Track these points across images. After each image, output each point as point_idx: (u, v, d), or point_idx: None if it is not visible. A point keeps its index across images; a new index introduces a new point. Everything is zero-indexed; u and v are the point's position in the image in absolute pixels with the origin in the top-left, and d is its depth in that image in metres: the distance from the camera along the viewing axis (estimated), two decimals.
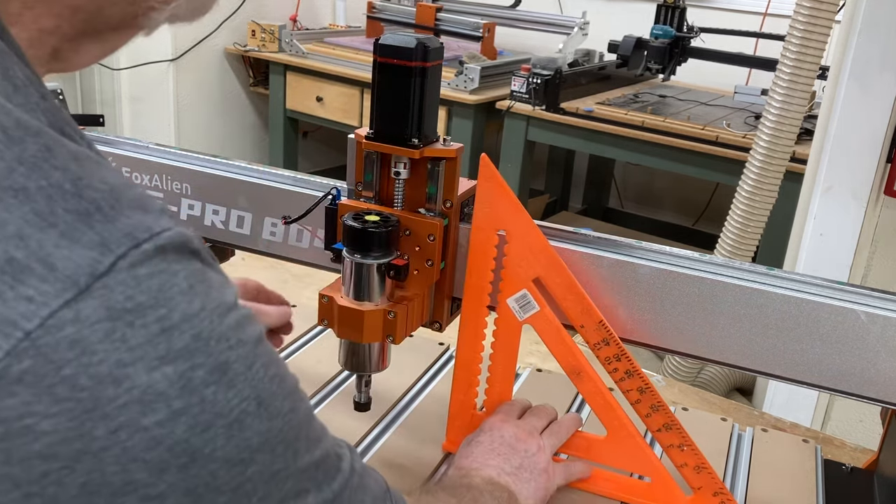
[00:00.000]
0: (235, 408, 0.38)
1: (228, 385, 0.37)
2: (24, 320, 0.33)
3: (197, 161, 1.02)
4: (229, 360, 0.38)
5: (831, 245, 1.81)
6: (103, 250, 0.34)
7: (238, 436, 0.38)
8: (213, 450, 0.37)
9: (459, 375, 0.88)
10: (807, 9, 1.78)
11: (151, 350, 0.35)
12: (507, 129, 2.90)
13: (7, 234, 0.33)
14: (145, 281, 0.35)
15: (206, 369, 0.37)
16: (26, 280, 0.33)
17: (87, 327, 0.34)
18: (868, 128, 1.69)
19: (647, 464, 0.84)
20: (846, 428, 1.88)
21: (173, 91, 3.56)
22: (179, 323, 0.36)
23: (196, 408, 0.36)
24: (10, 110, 0.35)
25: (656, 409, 0.81)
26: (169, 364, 0.35)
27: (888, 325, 0.75)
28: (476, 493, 0.73)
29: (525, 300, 0.82)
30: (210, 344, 0.37)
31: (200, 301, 0.37)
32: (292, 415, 0.42)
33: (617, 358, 0.80)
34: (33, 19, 0.41)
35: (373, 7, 3.64)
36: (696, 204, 3.71)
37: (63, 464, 0.34)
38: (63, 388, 0.33)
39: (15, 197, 0.34)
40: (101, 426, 0.34)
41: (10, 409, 0.33)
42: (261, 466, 0.40)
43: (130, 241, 0.35)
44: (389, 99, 0.78)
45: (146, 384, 0.35)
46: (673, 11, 2.85)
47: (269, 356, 0.41)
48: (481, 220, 0.81)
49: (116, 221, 0.35)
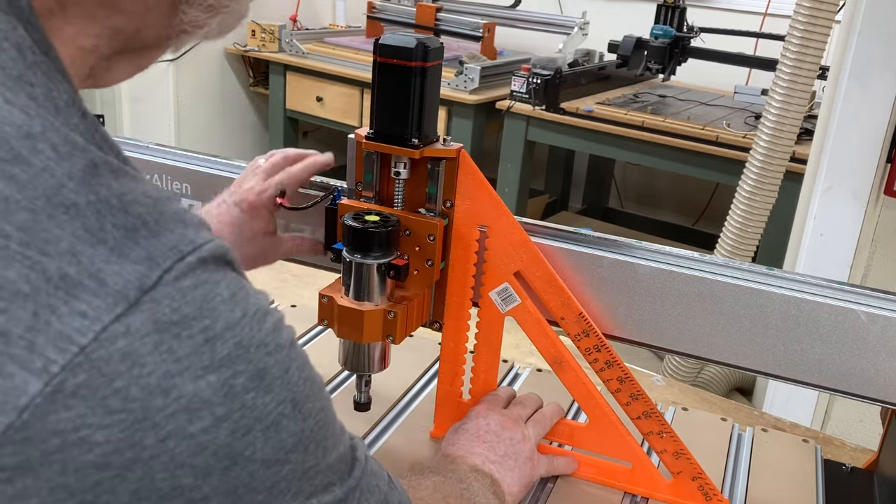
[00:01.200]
0: (273, 411, 0.39)
1: (266, 390, 0.39)
2: (78, 335, 0.34)
3: (197, 161, 1.02)
4: (267, 366, 0.39)
5: (831, 245, 1.81)
6: (150, 265, 0.36)
7: (275, 437, 0.40)
8: (253, 452, 0.38)
9: (445, 367, 0.90)
10: (807, 9, 1.78)
11: (196, 360, 0.36)
12: (507, 129, 2.90)
13: (60, 250, 0.34)
14: (190, 292, 0.37)
15: (247, 376, 0.38)
16: (79, 295, 0.34)
17: (137, 340, 0.35)
18: (868, 128, 1.69)
19: (628, 449, 0.87)
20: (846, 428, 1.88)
21: (173, 91, 3.56)
22: (222, 332, 0.37)
23: (237, 413, 0.38)
24: (59, 127, 0.36)
25: (636, 398, 0.83)
26: (213, 373, 0.37)
27: (888, 325, 0.75)
28: (461, 475, 0.75)
29: (507, 293, 0.84)
30: (250, 351, 0.38)
31: (241, 309, 0.38)
32: (322, 414, 0.44)
33: (597, 349, 0.82)
34: (72, 36, 0.42)
35: (373, 7, 3.64)
36: (696, 204, 3.71)
37: (115, 472, 0.35)
38: (115, 399, 0.34)
39: (66, 213, 0.35)
40: (151, 435, 0.35)
41: (66, 421, 0.34)
42: (295, 465, 0.41)
43: (175, 255, 0.37)
44: (389, 99, 0.78)
45: (192, 393, 0.36)
46: (673, 11, 2.85)
47: (301, 358, 0.43)
48: (462, 216, 0.83)
49: (161, 236, 0.37)
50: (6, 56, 0.37)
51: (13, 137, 0.34)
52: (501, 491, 0.79)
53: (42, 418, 0.33)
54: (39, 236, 0.34)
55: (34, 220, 0.34)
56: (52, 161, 0.35)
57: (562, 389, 0.87)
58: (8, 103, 0.35)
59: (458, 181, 0.82)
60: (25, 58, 0.37)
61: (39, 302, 0.33)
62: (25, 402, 0.33)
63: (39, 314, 0.33)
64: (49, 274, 0.34)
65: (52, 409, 0.33)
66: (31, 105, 0.36)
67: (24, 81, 0.37)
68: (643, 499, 0.87)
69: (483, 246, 0.84)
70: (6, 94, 0.35)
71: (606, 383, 0.83)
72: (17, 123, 0.35)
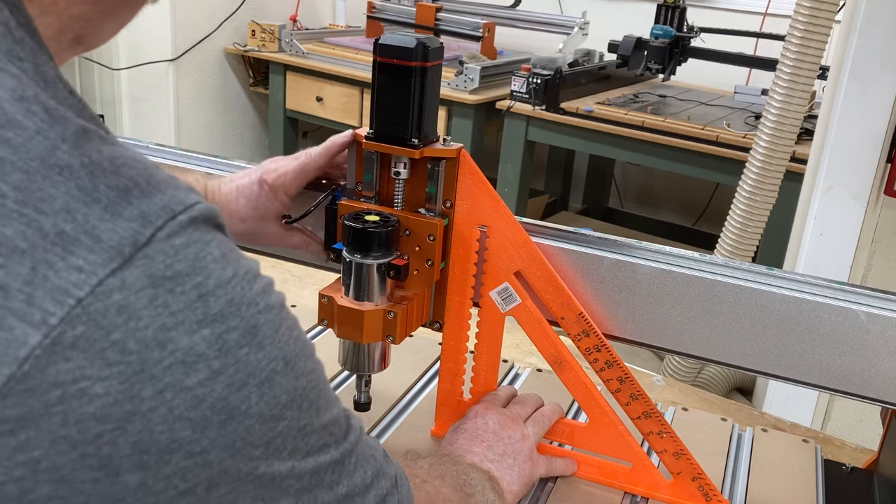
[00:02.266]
0: (266, 367, 0.40)
1: (259, 346, 0.40)
2: (75, 289, 0.34)
3: (197, 161, 1.02)
4: (259, 324, 0.40)
5: (831, 245, 1.80)
6: (143, 222, 0.36)
7: (269, 393, 0.40)
8: (248, 407, 0.39)
9: (445, 366, 0.91)
10: (807, 9, 1.78)
11: (191, 314, 0.37)
12: (507, 129, 2.90)
13: (55, 208, 0.35)
14: (182, 250, 0.37)
15: (240, 332, 0.39)
16: (75, 251, 0.35)
17: (132, 294, 0.36)
18: (868, 128, 1.69)
19: (628, 449, 0.87)
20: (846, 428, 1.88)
21: (173, 91, 3.55)
22: (214, 289, 0.38)
23: (232, 367, 0.38)
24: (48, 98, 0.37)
25: (636, 398, 0.83)
26: (206, 327, 0.37)
27: (888, 325, 0.75)
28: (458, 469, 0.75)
29: (507, 293, 0.84)
30: (242, 308, 0.39)
31: (232, 268, 0.39)
32: (313, 375, 0.44)
33: (597, 349, 0.82)
34: (67, 7, 0.43)
35: (373, 7, 3.64)
36: (696, 204, 3.71)
37: (115, 424, 0.36)
38: (113, 352, 0.35)
39: (60, 174, 0.35)
40: (149, 387, 0.36)
41: (65, 373, 0.34)
42: (289, 422, 0.42)
43: (167, 214, 0.37)
44: (389, 99, 0.78)
45: (188, 346, 0.37)
46: (673, 11, 2.85)
47: (291, 320, 0.43)
48: (463, 216, 0.83)
49: (153, 196, 0.37)
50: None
51: (6, 101, 0.35)
52: (501, 489, 0.79)
53: (42, 370, 0.34)
54: (35, 195, 0.35)
55: (29, 180, 0.35)
56: (45, 124, 0.36)
57: (562, 389, 0.87)
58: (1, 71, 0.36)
59: (459, 181, 0.82)
60: (13, 34, 0.38)
61: (37, 257, 0.34)
62: (25, 353, 0.34)
63: (37, 269, 0.34)
64: (45, 231, 0.34)
65: (51, 361, 0.34)
66: (21, 75, 0.37)
67: (13, 56, 0.37)
68: (643, 499, 0.87)
69: (483, 246, 0.84)
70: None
71: (606, 383, 0.83)
72: (9, 87, 0.35)
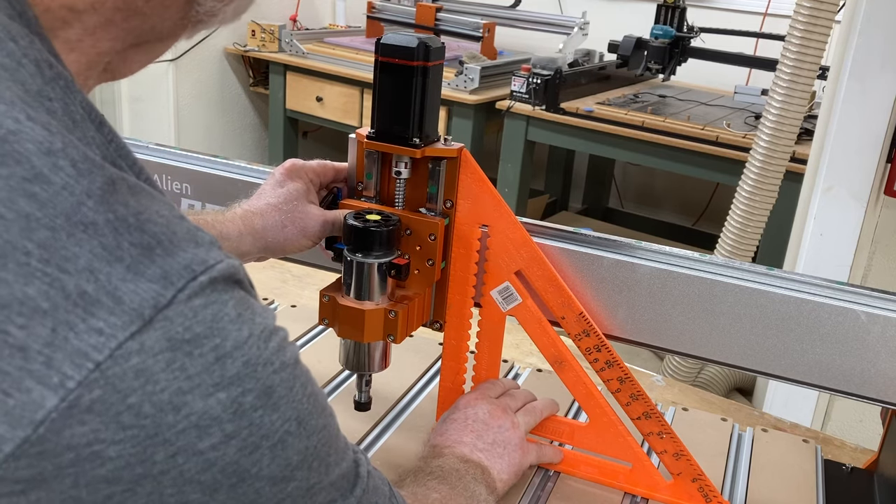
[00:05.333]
0: (279, 429, 0.40)
1: (273, 408, 0.40)
2: (94, 352, 0.34)
3: (197, 161, 1.02)
4: (274, 384, 0.40)
5: (831, 245, 1.81)
6: (165, 283, 0.36)
7: (281, 455, 0.41)
8: (260, 469, 0.39)
9: (447, 365, 0.91)
10: (807, 9, 1.78)
11: (207, 378, 0.37)
12: (507, 129, 2.90)
13: (79, 267, 0.35)
14: (200, 311, 0.37)
15: (255, 394, 0.39)
16: (97, 313, 0.35)
17: (150, 357, 0.36)
18: (868, 128, 1.69)
19: (628, 450, 0.87)
20: (846, 428, 1.88)
21: (173, 91, 3.55)
22: (232, 351, 0.38)
23: (245, 431, 0.38)
24: (76, 143, 0.37)
25: (636, 398, 0.83)
26: (223, 390, 0.37)
27: (888, 325, 0.75)
28: (457, 475, 0.75)
29: (508, 292, 0.84)
30: (258, 369, 0.39)
31: (248, 328, 0.39)
32: (325, 431, 0.44)
33: (597, 348, 0.82)
34: (93, 44, 0.43)
35: (373, 7, 3.64)
36: (696, 204, 3.71)
37: (126, 487, 0.36)
38: (128, 416, 0.35)
39: (85, 231, 0.35)
40: (162, 451, 0.36)
41: (80, 436, 0.34)
42: (299, 482, 0.42)
43: (189, 274, 0.37)
44: (391, 98, 0.78)
45: (202, 410, 0.37)
46: (673, 11, 2.85)
47: (305, 376, 0.43)
48: (464, 215, 0.83)
49: (175, 255, 0.37)
50: (26, 72, 0.37)
51: (34, 154, 0.35)
52: (492, 478, 0.79)
53: (57, 433, 0.34)
54: (59, 254, 0.34)
55: (54, 237, 0.34)
56: (72, 179, 0.35)
57: (562, 389, 0.87)
58: (30, 119, 0.35)
59: (460, 180, 0.82)
60: (43, 73, 0.38)
61: (58, 318, 0.34)
62: (42, 416, 0.34)
63: (58, 330, 0.34)
64: (68, 291, 0.34)
65: (67, 424, 0.34)
66: (50, 122, 0.36)
67: (43, 97, 0.37)
68: (643, 499, 0.87)
69: (484, 245, 0.84)
70: (28, 110, 0.36)
71: (607, 383, 0.83)
72: (38, 140, 0.35)
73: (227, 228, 0.79)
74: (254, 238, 0.80)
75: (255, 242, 0.80)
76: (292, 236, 0.82)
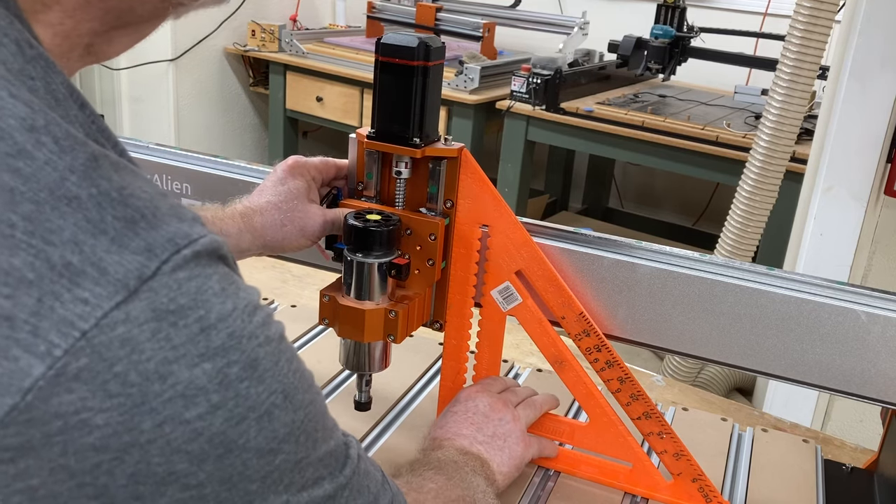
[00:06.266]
0: (265, 401, 0.40)
1: (259, 380, 0.40)
2: (80, 321, 0.35)
3: (197, 161, 1.02)
4: (259, 357, 0.40)
5: (831, 245, 1.81)
6: (150, 255, 0.37)
7: (268, 427, 0.41)
8: (247, 441, 0.40)
9: (447, 365, 0.91)
10: (807, 9, 1.78)
11: (192, 348, 0.37)
12: (507, 129, 2.90)
13: (63, 239, 0.35)
14: (185, 284, 0.38)
15: (241, 365, 0.39)
16: (82, 283, 0.35)
17: (136, 327, 0.36)
18: (868, 128, 1.69)
19: (628, 450, 0.87)
20: (846, 428, 1.88)
21: (173, 91, 3.55)
22: (216, 322, 0.38)
23: (231, 402, 0.39)
24: (59, 121, 0.37)
25: (636, 398, 0.83)
26: (208, 361, 0.38)
27: (888, 325, 0.75)
28: (455, 466, 0.75)
29: (508, 292, 0.85)
30: (242, 341, 0.39)
31: (232, 302, 0.39)
32: (312, 407, 0.44)
33: (598, 348, 0.83)
34: (73, 26, 0.43)
35: (373, 7, 3.64)
36: (696, 204, 3.71)
37: (113, 455, 0.36)
38: (115, 384, 0.36)
39: (69, 205, 0.36)
40: (148, 420, 0.36)
41: (68, 404, 0.35)
42: (287, 455, 0.42)
43: (173, 247, 0.38)
44: (391, 98, 0.78)
45: (188, 380, 0.37)
46: (673, 11, 2.85)
47: (290, 352, 0.43)
48: (464, 215, 0.83)
49: (159, 228, 0.38)
50: (6, 51, 0.38)
51: (17, 131, 0.35)
52: (491, 471, 0.79)
53: (45, 400, 0.34)
54: (44, 226, 0.35)
55: (38, 210, 0.35)
56: (55, 155, 0.36)
57: (562, 389, 0.87)
58: (12, 97, 0.36)
59: (461, 180, 0.82)
60: (24, 53, 0.38)
61: (44, 288, 0.35)
62: (29, 384, 0.34)
63: (44, 300, 0.34)
64: (53, 262, 0.35)
65: (54, 392, 0.34)
66: (33, 100, 0.37)
67: (25, 75, 0.38)
68: (643, 499, 0.87)
69: (485, 245, 0.84)
70: (10, 87, 0.36)
71: (607, 383, 0.83)
72: (20, 116, 0.36)
73: (227, 225, 0.79)
74: (253, 236, 0.80)
75: (254, 240, 0.81)
76: (291, 235, 0.82)
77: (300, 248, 0.84)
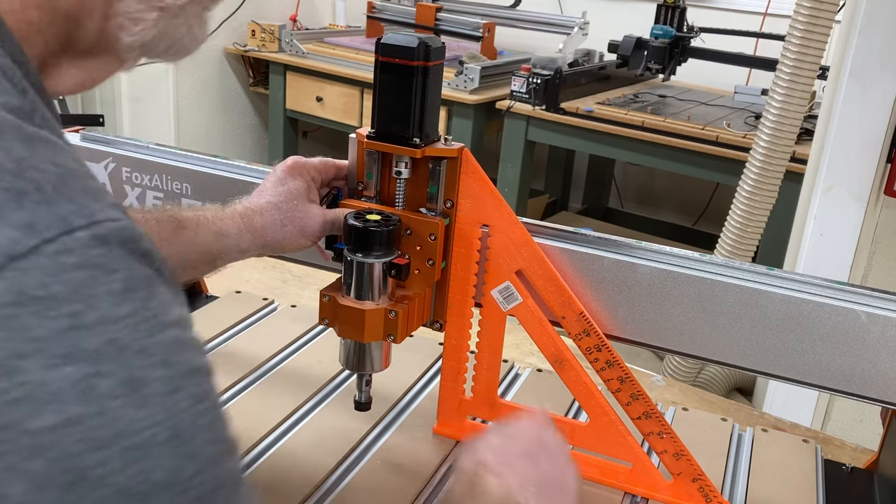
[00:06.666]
0: (143, 431, 0.33)
1: (140, 404, 0.33)
2: None
3: (197, 161, 1.02)
4: (146, 378, 0.33)
5: (831, 245, 1.81)
6: (28, 231, 0.32)
7: (139, 464, 0.32)
8: (106, 473, 0.32)
9: (448, 364, 0.91)
10: (807, 9, 1.78)
11: (53, 346, 0.31)
12: (507, 129, 2.90)
13: None
14: (69, 271, 0.32)
15: (115, 380, 0.32)
16: None
17: None
18: (868, 128, 1.69)
19: (628, 449, 0.87)
20: (846, 428, 1.88)
21: (173, 91, 3.55)
22: (93, 324, 0.32)
23: (94, 419, 0.32)
24: None
25: (636, 398, 0.83)
26: (71, 364, 0.31)
27: (888, 325, 0.75)
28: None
29: (508, 291, 0.85)
30: (125, 354, 0.33)
31: (131, 306, 0.34)
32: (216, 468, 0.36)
33: (598, 348, 0.83)
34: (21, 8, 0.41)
35: (373, 7, 3.64)
36: (696, 204, 3.71)
37: None
38: None
39: None
40: None
41: None
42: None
43: (63, 226, 0.33)
44: (391, 98, 0.78)
45: (39, 381, 0.31)
46: (673, 11, 2.85)
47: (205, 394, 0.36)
48: (465, 215, 0.83)
49: (54, 204, 0.33)
50: None
51: None
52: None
53: None
54: None
55: None
56: None
57: (562, 389, 0.87)
58: None
59: (461, 180, 0.82)
60: None
61: None
62: None
63: None
64: None
65: None
66: None
67: None
68: (643, 499, 0.87)
69: (485, 245, 0.84)
70: None
71: (607, 383, 0.83)
72: None
73: (227, 225, 0.79)
74: (253, 236, 0.80)
75: (255, 240, 0.80)
76: (291, 235, 0.82)
77: (300, 249, 0.84)
